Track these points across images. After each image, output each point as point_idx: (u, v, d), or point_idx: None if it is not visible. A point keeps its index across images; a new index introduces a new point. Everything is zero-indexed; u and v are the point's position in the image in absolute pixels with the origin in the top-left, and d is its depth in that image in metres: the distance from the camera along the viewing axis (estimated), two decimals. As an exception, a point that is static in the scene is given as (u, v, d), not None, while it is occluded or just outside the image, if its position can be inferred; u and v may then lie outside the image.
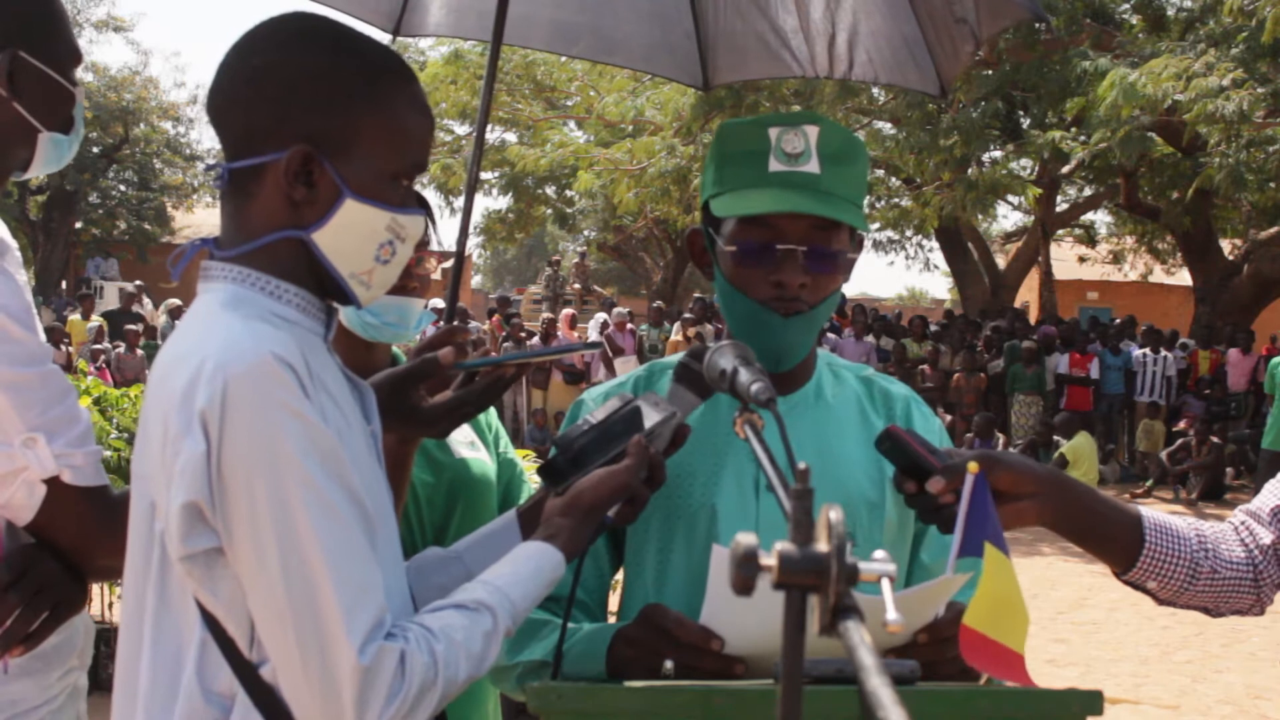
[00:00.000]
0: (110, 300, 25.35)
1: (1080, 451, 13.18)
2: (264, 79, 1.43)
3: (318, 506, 1.32)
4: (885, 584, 0.97)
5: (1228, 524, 1.78)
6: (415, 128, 1.49)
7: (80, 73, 1.86)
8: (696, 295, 19.74)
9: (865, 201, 1.82)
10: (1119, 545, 1.68)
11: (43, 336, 1.73)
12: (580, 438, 1.60)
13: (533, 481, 2.39)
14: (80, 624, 1.86)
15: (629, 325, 16.48)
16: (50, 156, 1.81)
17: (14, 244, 1.79)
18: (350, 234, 1.45)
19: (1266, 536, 1.72)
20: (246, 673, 1.35)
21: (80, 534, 1.69)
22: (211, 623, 1.36)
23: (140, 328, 16.98)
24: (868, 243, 27.63)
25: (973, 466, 1.49)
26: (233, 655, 1.36)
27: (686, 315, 16.13)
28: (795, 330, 1.74)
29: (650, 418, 1.62)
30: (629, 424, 1.60)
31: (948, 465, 1.54)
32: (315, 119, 1.42)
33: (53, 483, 1.65)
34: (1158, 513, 1.73)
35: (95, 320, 17.98)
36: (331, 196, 1.43)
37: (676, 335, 15.37)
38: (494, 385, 1.74)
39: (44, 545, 1.70)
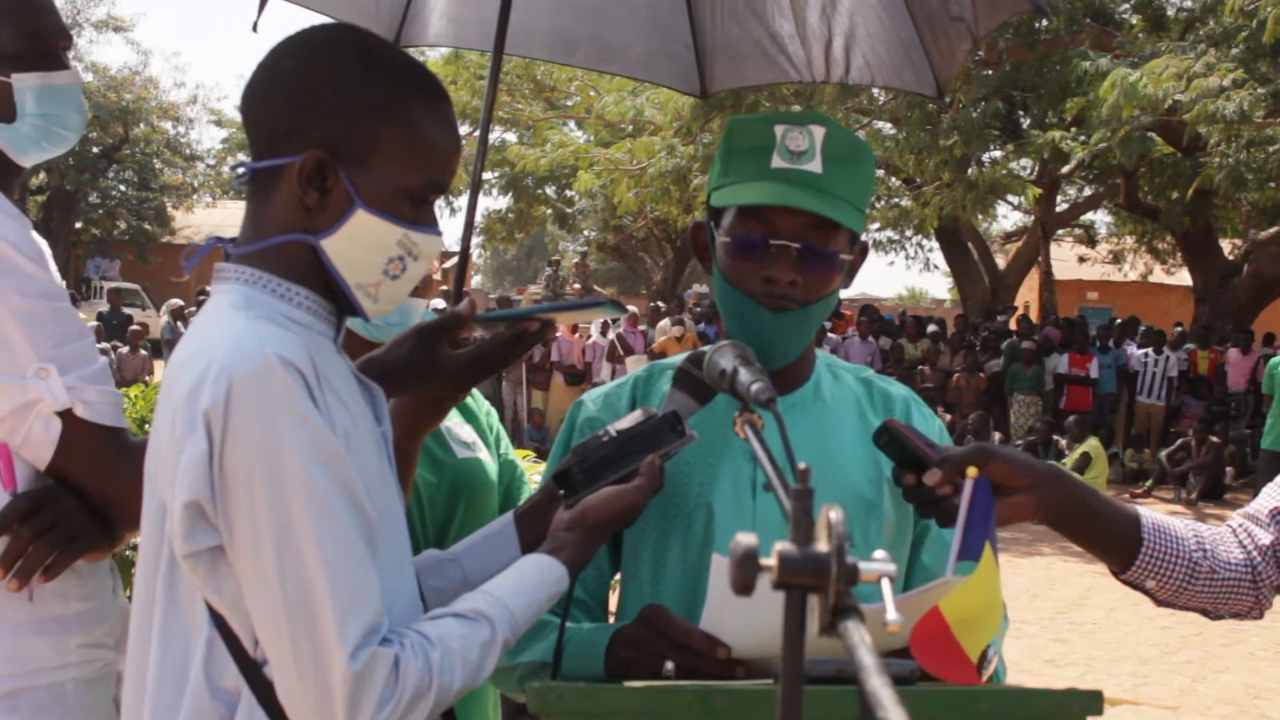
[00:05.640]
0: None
1: (1099, 451, 13.20)
2: (289, 82, 1.45)
3: (316, 510, 1.33)
4: (885, 584, 0.97)
5: (1225, 527, 1.78)
6: (437, 146, 1.48)
7: (81, 72, 1.88)
8: (684, 294, 19.73)
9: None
10: (1117, 543, 1.68)
11: (59, 279, 1.75)
12: (599, 449, 1.61)
13: (533, 483, 2.39)
14: (116, 602, 1.87)
15: (640, 326, 16.53)
16: (16, 145, 1.84)
17: (26, 220, 1.82)
18: (359, 245, 1.45)
19: (1265, 537, 1.72)
20: (251, 670, 1.36)
21: (100, 474, 1.71)
22: (218, 620, 1.37)
23: (137, 328, 16.97)
24: (868, 242, 27.82)
25: (972, 471, 1.49)
26: (238, 653, 1.37)
27: (677, 316, 16.10)
28: (784, 327, 1.73)
29: (669, 438, 1.62)
30: (647, 441, 1.61)
31: (945, 458, 1.54)
32: (334, 126, 1.43)
33: (67, 417, 1.68)
34: (1156, 513, 1.73)
35: (91, 322, 18.01)
36: (343, 205, 1.44)
37: (663, 335, 15.34)
38: (516, 340, 1.73)
39: (66, 487, 1.72)
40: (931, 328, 18.07)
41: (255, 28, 3.07)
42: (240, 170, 1.48)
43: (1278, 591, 1.73)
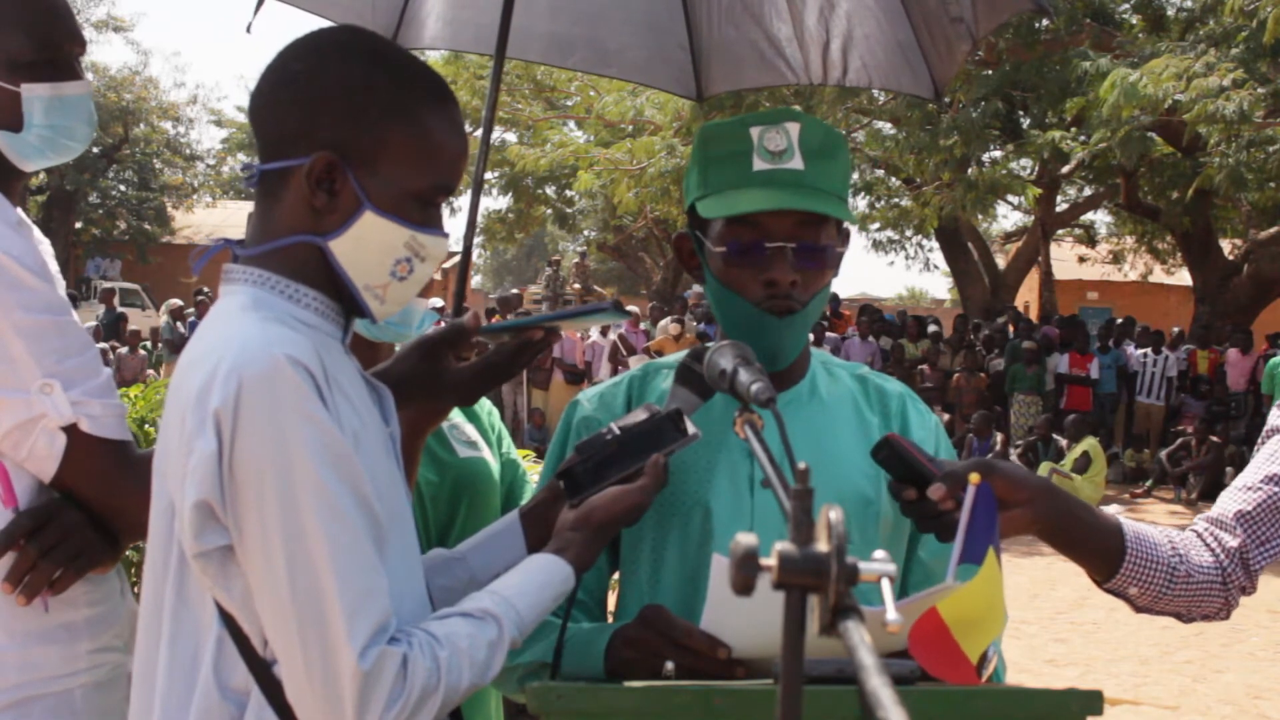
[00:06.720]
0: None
1: (1097, 450, 13.20)
2: (298, 85, 1.46)
3: (325, 510, 1.33)
4: (885, 584, 0.97)
5: (1190, 532, 1.84)
6: (445, 149, 1.49)
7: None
8: (684, 294, 19.74)
9: (863, 201, 1.83)
10: (1103, 553, 1.73)
11: (63, 292, 1.75)
12: (602, 448, 1.61)
13: (534, 483, 2.40)
14: (125, 606, 1.87)
15: (641, 325, 16.56)
16: (21, 153, 1.83)
17: (34, 227, 1.82)
18: (367, 246, 1.46)
19: (1232, 541, 1.79)
20: (260, 670, 1.37)
21: (105, 487, 1.71)
22: (228, 620, 1.38)
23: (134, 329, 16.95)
24: (868, 242, 27.74)
25: (974, 478, 1.50)
26: (247, 652, 1.37)
27: (678, 316, 16.13)
28: (790, 330, 1.75)
29: (673, 436, 1.62)
30: (650, 439, 1.61)
31: (948, 473, 1.55)
32: (343, 129, 1.44)
33: (72, 431, 1.67)
34: (1133, 522, 1.79)
35: (90, 322, 17.98)
36: (351, 207, 1.45)
37: (662, 335, 15.36)
38: (522, 349, 1.74)
39: (71, 500, 1.72)
40: (932, 328, 18.07)
41: (249, 29, 3.07)
42: (249, 172, 1.49)
43: (1243, 592, 1.80)
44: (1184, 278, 23.71)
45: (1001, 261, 25.15)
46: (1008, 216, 40.93)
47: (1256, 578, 1.80)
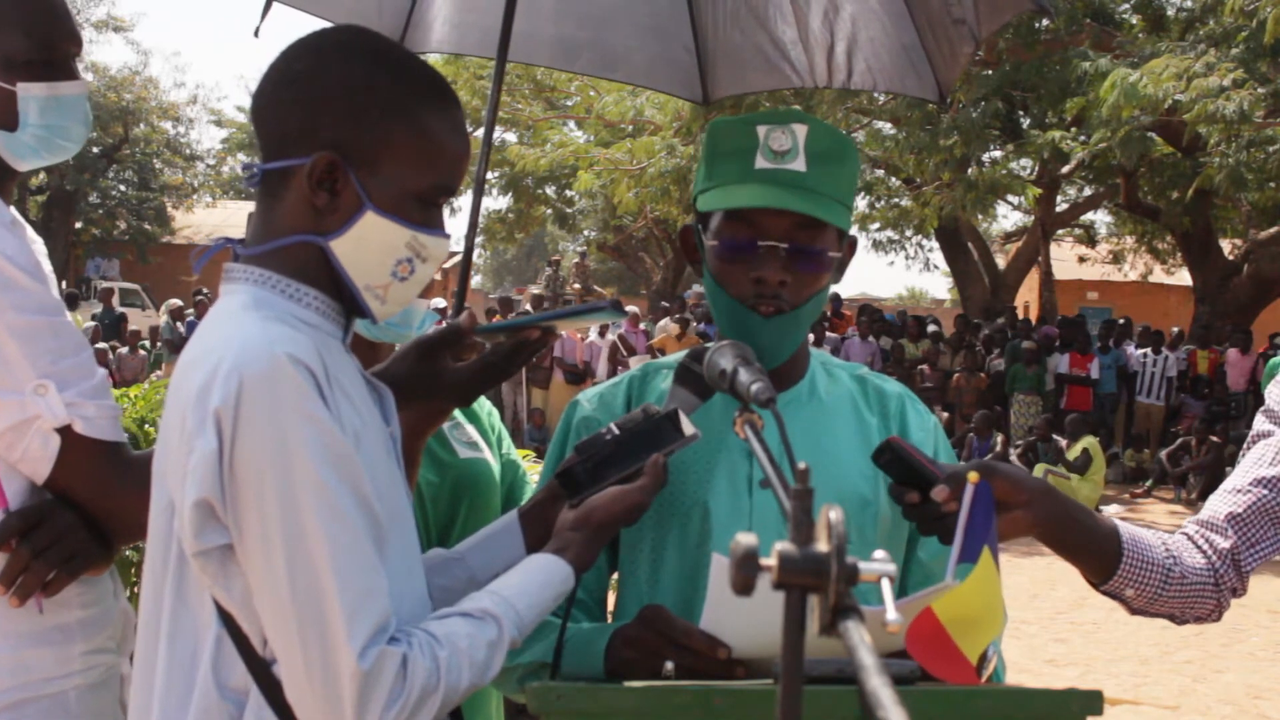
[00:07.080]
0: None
1: (1096, 449, 13.20)
2: (300, 85, 1.46)
3: (326, 509, 1.33)
4: (885, 584, 0.98)
5: (1180, 535, 1.85)
6: (446, 150, 1.49)
7: (81, 72, 1.88)
8: (684, 294, 19.79)
9: (863, 201, 1.83)
10: (1100, 555, 1.74)
11: (56, 293, 1.75)
12: (602, 448, 1.61)
13: (534, 483, 2.40)
14: (118, 607, 1.87)
15: (641, 325, 16.58)
16: (15, 152, 1.83)
17: (26, 225, 1.82)
18: (368, 247, 1.46)
19: (1224, 543, 1.80)
20: (260, 669, 1.37)
21: (99, 489, 1.71)
22: (227, 619, 1.38)
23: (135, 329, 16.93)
24: (867, 242, 27.71)
25: (973, 476, 1.51)
26: (247, 652, 1.37)
27: (680, 315, 16.16)
28: (776, 331, 1.74)
29: (672, 436, 1.62)
30: (650, 439, 1.61)
31: (951, 474, 1.55)
32: (345, 129, 1.44)
33: (66, 433, 1.67)
34: (1128, 525, 1.80)
35: (90, 323, 17.96)
36: (353, 207, 1.45)
37: (663, 334, 15.38)
38: (518, 349, 1.74)
39: (64, 501, 1.72)
40: (932, 328, 18.08)
41: (257, 33, 3.06)
42: (250, 172, 1.49)
43: (1234, 594, 1.81)
44: (1184, 278, 23.72)
45: (1001, 261, 25.15)
46: (1008, 216, 40.95)
47: (1247, 579, 1.81)
